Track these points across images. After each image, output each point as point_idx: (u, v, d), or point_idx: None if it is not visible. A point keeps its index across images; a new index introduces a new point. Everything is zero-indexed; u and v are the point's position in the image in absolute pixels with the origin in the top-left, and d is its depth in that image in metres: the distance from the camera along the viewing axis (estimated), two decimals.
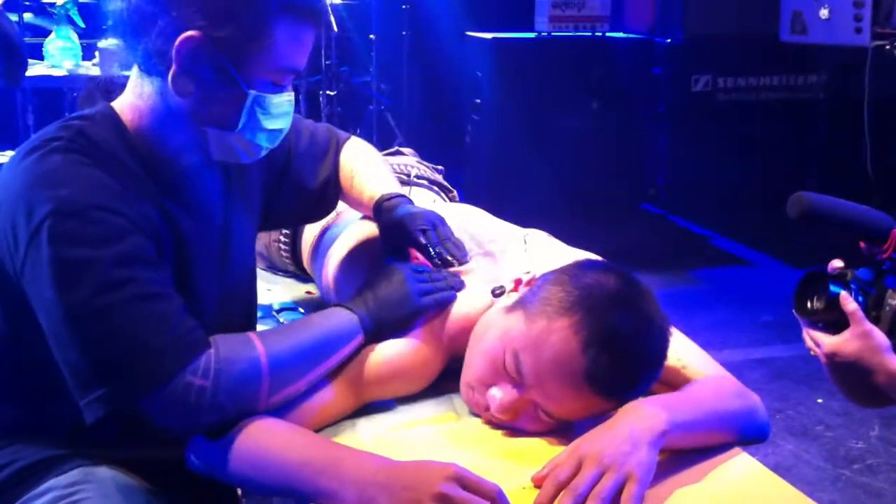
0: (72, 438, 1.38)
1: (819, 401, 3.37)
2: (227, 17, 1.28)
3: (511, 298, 1.48)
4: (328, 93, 5.62)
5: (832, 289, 1.34)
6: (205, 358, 1.28)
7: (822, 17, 4.53)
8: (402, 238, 1.62)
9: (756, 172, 5.44)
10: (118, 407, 1.24)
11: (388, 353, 1.50)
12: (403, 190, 1.76)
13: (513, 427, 1.44)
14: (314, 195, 1.76)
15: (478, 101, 5.50)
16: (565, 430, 1.41)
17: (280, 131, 1.41)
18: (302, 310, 2.01)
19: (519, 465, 1.33)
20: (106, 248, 1.24)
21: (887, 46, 4.33)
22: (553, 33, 5.40)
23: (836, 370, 1.36)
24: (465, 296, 1.58)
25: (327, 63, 5.54)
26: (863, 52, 4.37)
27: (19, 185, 1.27)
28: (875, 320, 1.33)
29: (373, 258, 1.70)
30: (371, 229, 1.76)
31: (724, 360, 1.55)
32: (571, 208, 5.10)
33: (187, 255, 1.39)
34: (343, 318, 1.48)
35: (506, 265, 1.65)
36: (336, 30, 5.41)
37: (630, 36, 5.73)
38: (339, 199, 1.82)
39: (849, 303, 1.32)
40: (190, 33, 1.27)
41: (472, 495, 1.16)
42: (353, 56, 5.94)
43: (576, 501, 1.19)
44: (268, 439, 1.30)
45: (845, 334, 1.33)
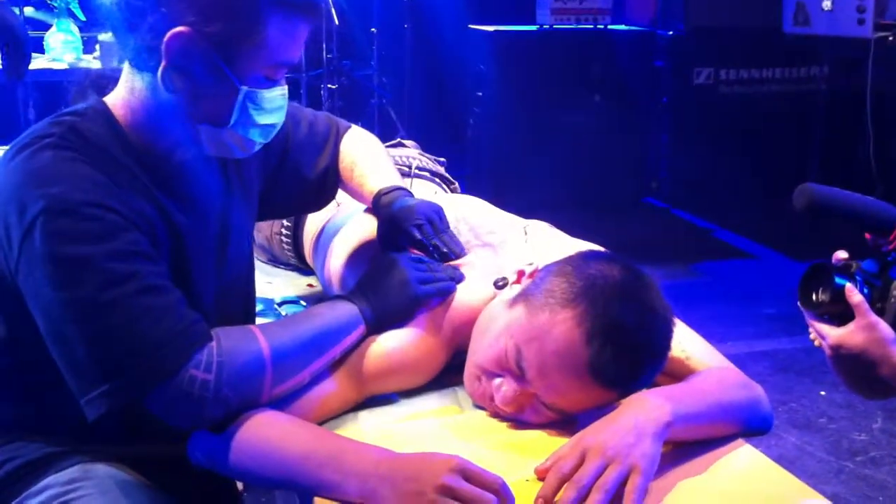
0: (71, 435, 1.38)
1: (822, 393, 3.37)
2: (217, 13, 1.26)
3: (514, 290, 1.47)
4: (330, 86, 5.62)
5: (837, 281, 1.33)
6: (207, 351, 1.27)
7: (825, 8, 4.52)
8: (397, 234, 1.62)
9: (758, 165, 5.44)
10: (122, 403, 1.24)
11: (391, 345, 1.50)
12: (404, 182, 1.75)
13: (516, 419, 1.43)
14: (313, 185, 1.75)
15: (479, 93, 5.49)
16: (569, 423, 1.41)
17: (273, 126, 1.39)
18: (304, 303, 2.00)
19: (522, 458, 1.33)
20: (101, 244, 1.23)
21: (890, 38, 4.32)
22: (555, 26, 5.40)
23: (841, 362, 1.35)
24: (467, 287, 1.57)
25: (329, 57, 5.53)
26: (865, 43, 4.36)
27: (10, 184, 1.26)
28: (880, 312, 1.33)
29: (374, 251, 1.70)
30: (372, 222, 1.75)
31: (727, 352, 1.55)
32: (573, 201, 5.10)
33: (184, 250, 1.38)
34: (344, 309, 1.47)
35: (506, 256, 1.64)
36: (337, 23, 5.41)
37: (632, 28, 5.73)
38: (341, 189, 1.82)
39: (854, 294, 1.32)
40: (180, 29, 1.25)
41: (475, 487, 1.16)
42: (355, 49, 5.93)
43: (579, 493, 1.19)
44: (269, 432, 1.30)
45: (850, 326, 1.32)
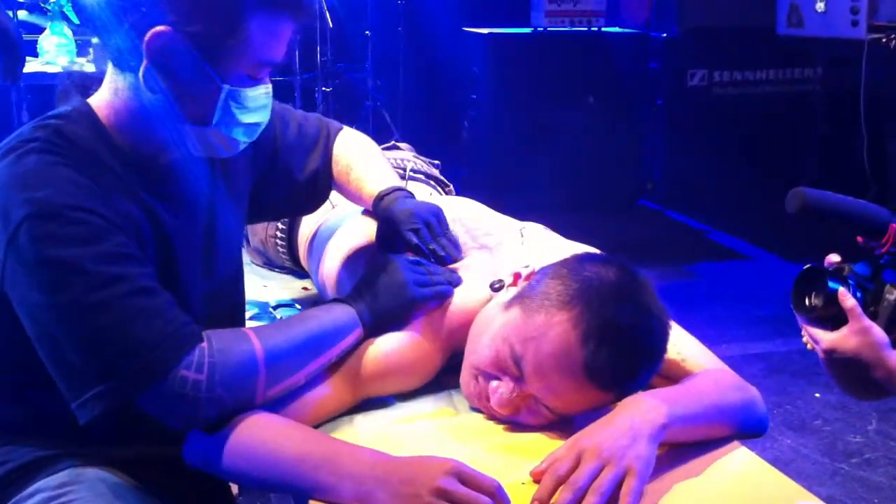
0: (61, 439, 1.37)
1: (817, 395, 3.37)
2: (198, 12, 1.25)
3: (510, 293, 1.47)
4: (324, 89, 5.61)
5: (830, 285, 1.33)
6: (198, 352, 1.27)
7: (819, 10, 4.53)
8: (394, 238, 1.62)
9: (753, 166, 5.45)
10: (114, 405, 1.23)
11: (387, 348, 1.50)
12: (402, 183, 1.75)
13: (512, 421, 1.43)
14: (303, 187, 1.74)
15: (474, 96, 5.50)
16: (565, 425, 1.41)
17: (258, 125, 1.38)
18: (299, 306, 2.00)
19: (518, 460, 1.33)
20: (88, 247, 1.23)
21: (883, 39, 4.32)
22: (549, 28, 5.41)
23: (835, 366, 1.35)
24: (463, 290, 1.57)
25: (323, 59, 5.53)
26: (859, 45, 4.36)
27: None
28: (873, 315, 1.32)
29: (369, 253, 1.70)
30: (367, 224, 1.75)
31: (721, 354, 1.55)
32: (568, 203, 5.10)
33: (171, 251, 1.38)
34: (341, 312, 1.47)
35: (503, 258, 1.64)
36: (331, 25, 5.40)
37: (626, 30, 5.74)
38: (339, 193, 1.81)
39: (847, 299, 1.31)
40: (160, 28, 1.24)
41: (470, 490, 1.16)
42: (349, 52, 5.92)
43: (575, 495, 1.19)
44: (265, 435, 1.30)
45: (844, 331, 1.32)
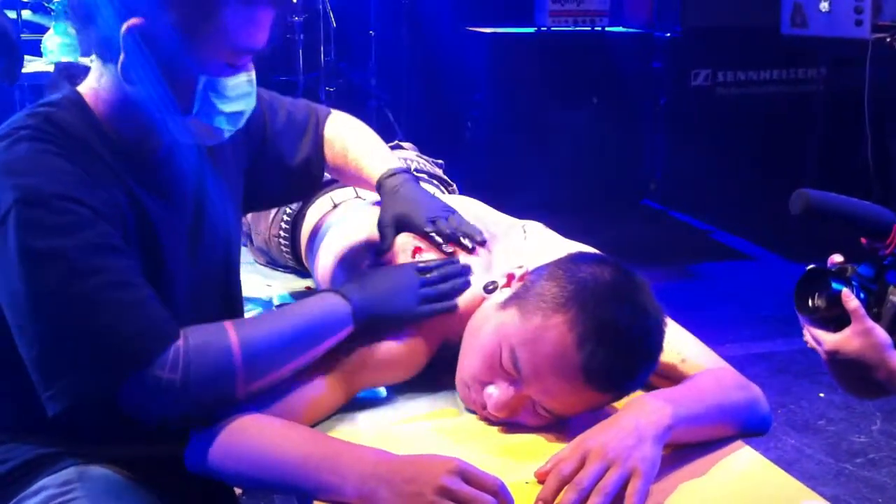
0: (65, 437, 1.37)
1: (821, 395, 3.36)
2: (171, 2, 1.25)
3: (504, 294, 1.46)
4: (327, 88, 5.61)
5: (833, 286, 1.32)
6: (173, 350, 1.26)
7: (823, 9, 4.52)
8: (407, 226, 1.60)
9: (756, 166, 5.44)
10: (82, 399, 1.23)
11: (376, 340, 1.48)
12: (400, 161, 1.74)
13: (511, 422, 1.42)
14: (296, 173, 1.73)
15: (477, 96, 5.49)
16: (567, 425, 1.41)
17: (241, 113, 1.37)
18: None
19: (521, 460, 1.33)
20: (71, 237, 1.23)
21: (888, 39, 4.32)
22: (552, 28, 5.40)
23: (837, 367, 1.35)
24: None
25: (326, 59, 5.53)
26: (863, 44, 4.36)
27: None
28: (876, 317, 1.32)
29: (366, 251, 1.68)
30: (364, 222, 1.74)
31: (724, 354, 1.54)
32: (571, 204, 5.09)
33: (155, 240, 1.37)
34: (333, 305, 1.44)
35: (506, 250, 1.64)
36: (335, 25, 5.40)
37: (629, 30, 5.73)
38: (334, 177, 1.80)
39: (850, 300, 1.31)
40: (134, 20, 1.25)
41: (474, 489, 1.16)
42: (352, 51, 5.92)
43: (579, 496, 1.18)
44: (266, 437, 1.29)
45: (847, 332, 1.31)
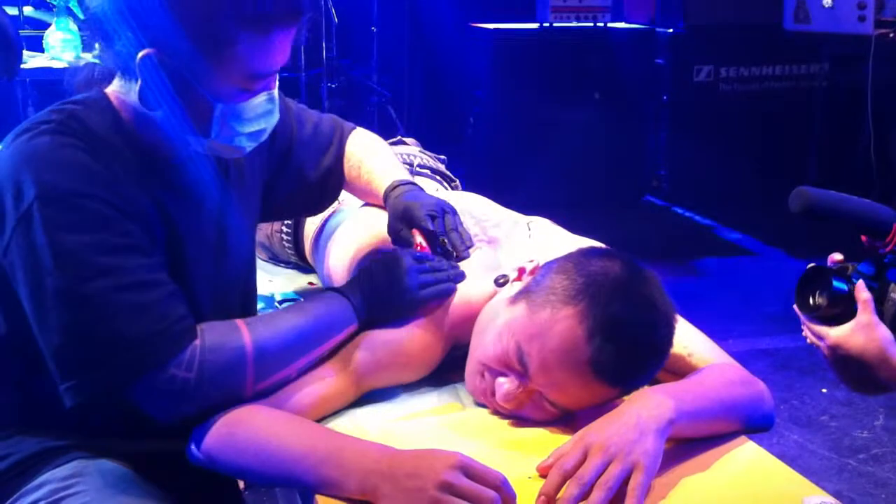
0: (70, 430, 1.37)
1: (823, 391, 3.36)
2: (183, 35, 1.24)
3: (515, 287, 1.47)
4: (329, 85, 5.61)
5: (835, 284, 1.33)
6: (190, 350, 1.28)
7: (826, 5, 4.52)
8: (409, 222, 1.61)
9: (759, 162, 5.44)
10: (96, 396, 1.24)
11: (388, 340, 1.49)
12: (408, 176, 1.75)
13: (517, 416, 1.43)
14: (315, 185, 1.74)
15: (479, 92, 5.49)
16: (571, 420, 1.40)
17: (262, 131, 1.38)
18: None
19: (524, 455, 1.33)
20: (89, 235, 1.24)
21: (890, 35, 4.31)
22: (555, 24, 5.39)
23: (839, 363, 1.35)
24: (466, 284, 1.57)
25: (328, 55, 5.53)
26: (866, 40, 4.35)
27: (8, 166, 1.27)
28: (878, 315, 1.32)
29: (374, 248, 1.69)
30: (373, 219, 1.75)
31: (728, 350, 1.54)
32: (574, 200, 5.09)
33: (179, 243, 1.38)
34: (336, 304, 1.46)
35: (511, 251, 1.64)
36: (337, 21, 5.40)
37: (632, 26, 5.72)
38: (347, 190, 1.81)
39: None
40: (147, 51, 1.25)
41: (476, 484, 1.16)
42: (355, 48, 5.92)
43: (581, 490, 1.18)
44: (269, 431, 1.30)
45: (851, 324, 1.32)
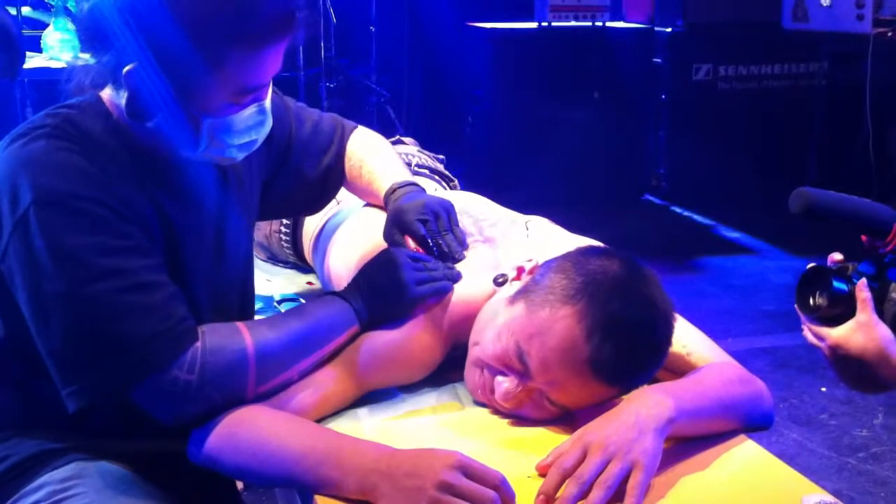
0: (68, 432, 1.37)
1: (823, 389, 3.36)
2: (170, 51, 1.22)
3: (514, 287, 1.46)
4: (328, 85, 5.60)
5: (835, 284, 1.33)
6: (191, 352, 1.28)
7: (824, 4, 4.52)
8: (400, 227, 1.61)
9: (758, 161, 5.44)
10: (100, 399, 1.25)
11: (388, 340, 1.49)
12: (414, 178, 1.75)
13: (517, 415, 1.43)
14: (314, 184, 1.74)
15: (478, 91, 5.48)
16: (570, 419, 1.40)
17: (252, 142, 1.37)
18: (303, 300, 1.99)
19: (523, 454, 1.33)
20: (88, 238, 1.23)
21: (889, 33, 4.31)
22: (553, 23, 5.39)
23: (840, 362, 1.34)
24: (465, 283, 1.56)
25: (327, 55, 5.52)
26: (864, 39, 4.36)
27: (3, 172, 1.26)
28: (878, 315, 1.32)
29: (374, 248, 1.69)
30: (373, 219, 1.75)
31: (727, 349, 1.54)
32: (573, 199, 5.09)
33: (178, 244, 1.37)
34: (337, 307, 1.47)
35: (508, 251, 1.64)
36: (335, 21, 5.40)
37: (630, 25, 5.72)
38: (348, 190, 1.81)
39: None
40: (133, 65, 1.24)
41: (475, 484, 1.16)
42: (353, 47, 5.91)
43: (581, 489, 1.18)
44: (268, 431, 1.29)
45: (850, 325, 1.32)
